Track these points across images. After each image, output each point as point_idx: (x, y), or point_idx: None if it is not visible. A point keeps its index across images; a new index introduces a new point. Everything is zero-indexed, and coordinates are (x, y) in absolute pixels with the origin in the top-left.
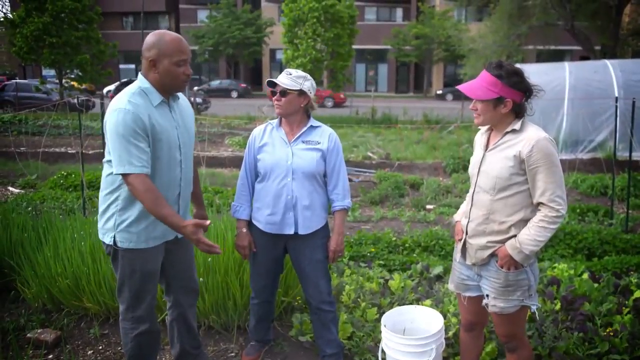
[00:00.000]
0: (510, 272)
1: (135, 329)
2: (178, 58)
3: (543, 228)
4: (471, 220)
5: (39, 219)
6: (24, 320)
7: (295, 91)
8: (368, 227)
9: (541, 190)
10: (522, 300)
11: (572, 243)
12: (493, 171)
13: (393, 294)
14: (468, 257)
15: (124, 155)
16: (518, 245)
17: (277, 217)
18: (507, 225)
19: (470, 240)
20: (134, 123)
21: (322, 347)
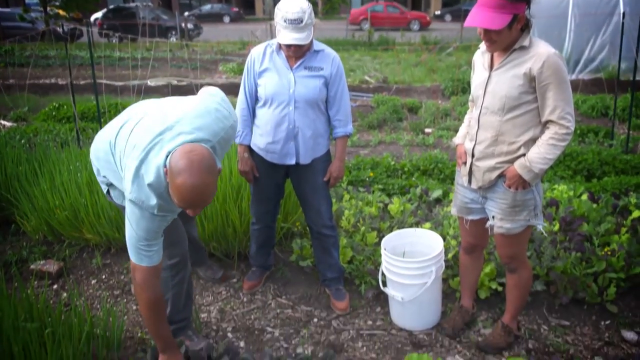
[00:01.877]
0: (518, 192)
1: (175, 276)
2: (179, 205)
3: (553, 146)
4: (478, 143)
5: (34, 152)
6: (26, 253)
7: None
8: (366, 152)
9: (551, 107)
10: (528, 220)
11: (571, 164)
12: (501, 91)
13: (392, 217)
14: (474, 181)
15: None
16: (528, 164)
17: (278, 146)
18: (517, 146)
19: (478, 163)
20: (159, 225)
21: (323, 271)
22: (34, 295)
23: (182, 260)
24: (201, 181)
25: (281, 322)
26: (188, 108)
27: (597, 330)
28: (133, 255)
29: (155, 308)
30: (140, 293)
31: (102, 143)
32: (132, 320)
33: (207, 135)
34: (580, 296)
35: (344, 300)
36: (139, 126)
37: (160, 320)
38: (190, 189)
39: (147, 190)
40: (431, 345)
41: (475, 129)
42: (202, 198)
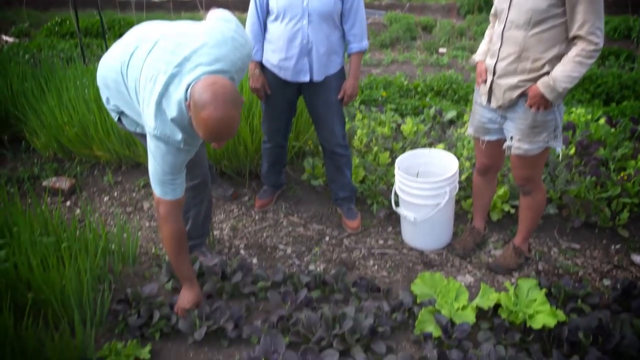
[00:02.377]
0: (539, 112)
1: (196, 196)
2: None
3: (579, 63)
4: (501, 59)
5: (39, 68)
6: (37, 170)
7: None
8: (378, 71)
9: (580, 22)
10: (547, 142)
11: (590, 88)
12: (527, 4)
13: (405, 138)
14: (494, 100)
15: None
16: (552, 82)
17: (291, 62)
18: (541, 63)
19: (499, 80)
20: (184, 158)
21: (335, 190)
22: (48, 211)
23: (203, 181)
24: (227, 114)
25: (293, 240)
26: (204, 37)
27: (607, 253)
28: (157, 190)
29: (178, 240)
30: (164, 226)
31: (111, 71)
32: (145, 236)
33: (226, 66)
34: (592, 220)
35: (356, 219)
36: (152, 56)
37: (182, 252)
38: (216, 122)
39: (171, 125)
40: (442, 264)
41: (497, 45)
42: (228, 131)
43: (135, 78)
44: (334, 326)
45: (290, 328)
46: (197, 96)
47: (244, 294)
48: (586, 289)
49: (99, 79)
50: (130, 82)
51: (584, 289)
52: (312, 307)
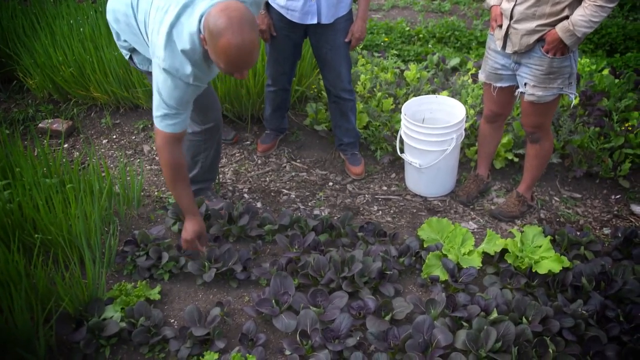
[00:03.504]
0: (556, 58)
1: (208, 140)
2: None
3: (600, 7)
4: (519, 3)
5: (29, 5)
6: (32, 111)
7: None
8: (379, 16)
9: None
10: (561, 89)
11: (594, 38)
12: None
13: (409, 84)
14: (509, 45)
15: (167, 114)
16: (571, 27)
17: (299, 3)
18: (561, 7)
19: (516, 25)
20: (191, 95)
21: (339, 135)
22: (50, 152)
23: (216, 125)
24: (246, 38)
25: (296, 185)
26: None
27: (607, 203)
28: (157, 121)
29: (175, 170)
30: (160, 155)
31: (120, 4)
32: (147, 179)
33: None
34: (594, 170)
35: (360, 165)
36: None
37: (178, 182)
38: (236, 48)
39: (181, 57)
40: (445, 211)
41: None
42: (249, 57)
43: (146, 10)
44: (342, 269)
45: (298, 270)
46: (212, 24)
47: (251, 237)
48: (589, 236)
49: (108, 13)
50: (140, 14)
51: (586, 237)
52: (319, 250)
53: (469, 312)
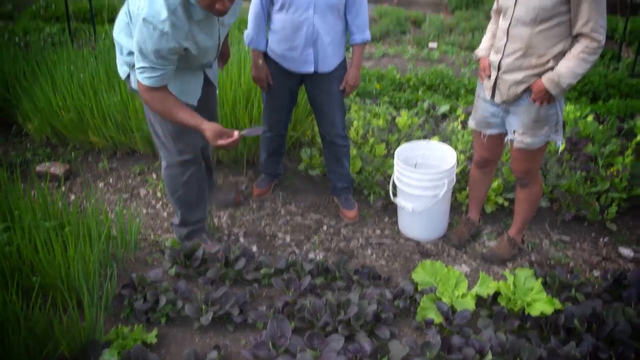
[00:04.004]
0: (542, 106)
1: (184, 173)
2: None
3: (583, 60)
4: (506, 55)
5: (30, 52)
6: (30, 155)
7: None
8: (370, 64)
9: (584, 19)
10: (548, 136)
11: (577, 86)
12: (534, 1)
13: (400, 130)
14: (498, 95)
15: (147, 71)
16: (556, 78)
17: (296, 52)
18: (546, 59)
19: (505, 76)
20: (167, 48)
21: (333, 180)
22: (49, 195)
23: (194, 158)
24: None
25: (291, 229)
26: None
27: (596, 246)
28: (138, 74)
29: (166, 108)
30: (148, 104)
31: (121, 14)
32: (144, 223)
33: None
34: (582, 214)
35: (353, 209)
36: None
37: (174, 111)
38: None
39: (160, 3)
40: (438, 254)
41: (503, 41)
42: None
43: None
44: (338, 312)
45: (295, 314)
46: None
47: (248, 280)
48: (579, 279)
49: (115, 29)
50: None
51: (577, 279)
52: (315, 294)
53: (464, 355)
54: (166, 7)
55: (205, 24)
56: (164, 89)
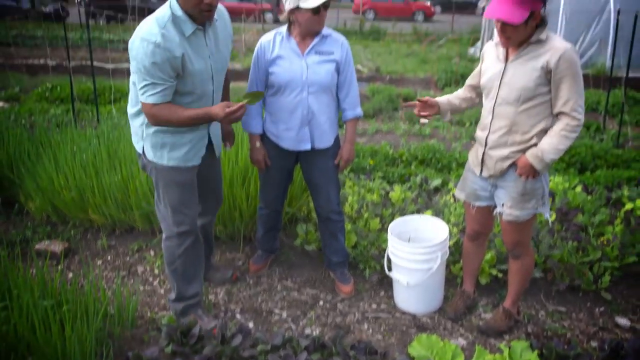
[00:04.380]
0: (528, 180)
1: (181, 245)
2: None
3: (564, 137)
4: (492, 132)
5: (35, 133)
6: (30, 233)
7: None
8: (364, 141)
9: (564, 99)
10: (536, 208)
11: (565, 157)
12: (518, 82)
13: (394, 205)
14: (485, 170)
15: (148, 88)
16: (540, 154)
17: (293, 132)
18: (530, 135)
19: (491, 152)
20: (165, 59)
21: (329, 255)
22: (48, 273)
23: (192, 230)
24: None
25: (288, 304)
26: None
27: (592, 316)
28: (140, 95)
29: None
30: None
31: (131, 90)
32: (140, 300)
33: None
34: (576, 284)
35: (349, 284)
36: None
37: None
38: None
39: (152, 22)
40: (435, 327)
41: (489, 119)
42: None
43: None
44: None
45: None
46: None
47: (244, 357)
48: (576, 349)
49: (128, 106)
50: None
51: (574, 350)
52: None
53: None
54: (157, 23)
55: (195, 42)
56: (166, 102)
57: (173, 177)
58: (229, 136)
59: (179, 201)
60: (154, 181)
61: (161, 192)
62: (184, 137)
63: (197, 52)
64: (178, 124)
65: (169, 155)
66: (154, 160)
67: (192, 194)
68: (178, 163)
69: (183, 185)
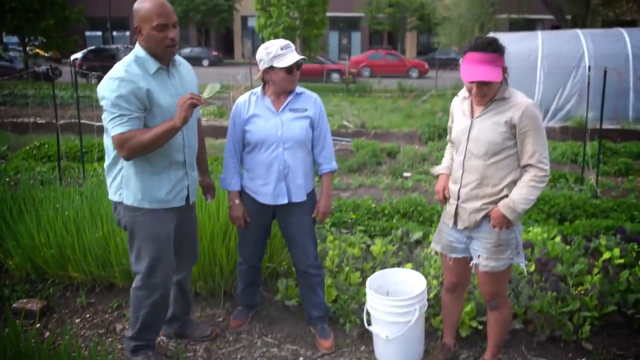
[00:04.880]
0: (502, 231)
1: (150, 296)
2: (157, 22)
3: (533, 187)
4: (464, 186)
5: (18, 190)
6: (8, 291)
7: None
8: (347, 195)
9: (530, 153)
10: (511, 259)
11: (544, 208)
12: (485, 137)
13: (375, 258)
14: (460, 222)
15: (116, 120)
16: (511, 204)
17: (270, 187)
18: (500, 187)
19: (464, 204)
20: (130, 91)
21: (308, 310)
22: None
23: (161, 284)
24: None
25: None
26: None
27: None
28: (110, 128)
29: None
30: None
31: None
32: (118, 358)
33: None
34: (557, 334)
35: (329, 339)
36: None
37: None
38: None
39: (119, 64)
40: None
41: (459, 173)
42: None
43: None
44: None
45: None
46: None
47: None
48: None
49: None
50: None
51: None
52: None
53: None
54: (122, 64)
55: (159, 79)
56: (134, 130)
57: (151, 228)
58: (209, 189)
59: (154, 255)
60: (129, 234)
61: (137, 245)
62: (162, 179)
63: (162, 88)
64: (149, 143)
65: (150, 198)
66: (135, 205)
67: (168, 249)
68: (159, 205)
69: (160, 238)
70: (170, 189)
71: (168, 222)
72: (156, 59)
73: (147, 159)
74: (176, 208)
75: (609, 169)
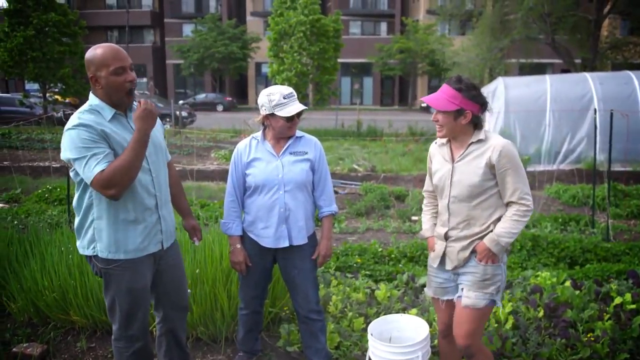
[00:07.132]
0: (489, 265)
1: (129, 348)
2: (114, 66)
3: (517, 221)
4: (451, 228)
5: (25, 233)
6: (9, 335)
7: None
8: (354, 239)
9: (511, 190)
10: (493, 295)
11: (554, 252)
12: (467, 180)
13: (379, 303)
14: (448, 262)
15: (91, 160)
16: (496, 237)
17: (271, 230)
18: (487, 225)
19: (452, 244)
20: (89, 134)
21: (310, 356)
22: None
23: (140, 334)
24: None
25: None
26: None
27: None
28: (84, 175)
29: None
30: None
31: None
32: None
33: None
34: None
35: None
36: None
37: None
38: (107, 46)
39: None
40: None
41: (446, 216)
42: (120, 50)
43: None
44: None
45: None
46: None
47: None
48: None
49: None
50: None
51: None
52: None
53: None
54: (75, 115)
55: (117, 124)
56: (106, 178)
57: (127, 280)
58: (195, 231)
59: (129, 307)
60: (104, 284)
61: (111, 297)
62: (137, 226)
63: (122, 129)
64: (130, 165)
65: (125, 248)
66: (110, 258)
67: (143, 300)
68: (135, 255)
69: (135, 291)
70: (145, 236)
71: (145, 272)
72: (112, 106)
73: (118, 207)
74: (152, 254)
75: (621, 211)
